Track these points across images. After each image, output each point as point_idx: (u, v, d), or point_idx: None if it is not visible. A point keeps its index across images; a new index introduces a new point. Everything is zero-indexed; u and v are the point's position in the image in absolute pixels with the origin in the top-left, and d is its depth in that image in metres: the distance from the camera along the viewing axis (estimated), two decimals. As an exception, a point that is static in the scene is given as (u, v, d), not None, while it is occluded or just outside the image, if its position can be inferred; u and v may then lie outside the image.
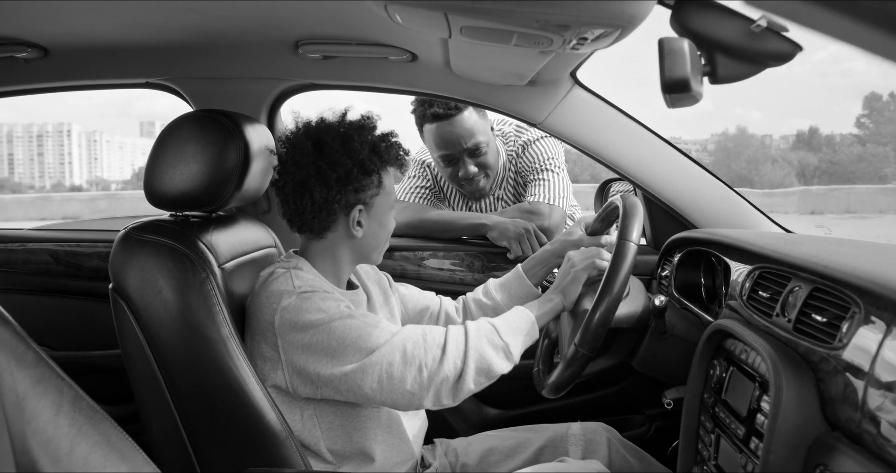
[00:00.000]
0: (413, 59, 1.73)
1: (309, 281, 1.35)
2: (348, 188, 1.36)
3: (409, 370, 1.26)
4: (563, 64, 1.63)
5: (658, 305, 1.42)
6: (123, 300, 1.35)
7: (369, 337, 1.28)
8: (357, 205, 1.39)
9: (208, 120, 1.45)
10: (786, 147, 72.50)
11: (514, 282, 1.68)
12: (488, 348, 1.31)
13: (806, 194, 20.00)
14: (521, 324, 1.37)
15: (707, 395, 1.30)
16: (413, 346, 1.28)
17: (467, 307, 1.69)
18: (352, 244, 1.43)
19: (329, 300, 1.31)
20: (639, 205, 1.42)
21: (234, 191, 1.45)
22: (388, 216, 1.45)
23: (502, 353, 1.32)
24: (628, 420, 2.05)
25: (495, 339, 1.32)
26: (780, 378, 1.01)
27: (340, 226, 1.40)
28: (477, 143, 2.12)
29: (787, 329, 1.11)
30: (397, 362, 1.26)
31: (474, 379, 1.29)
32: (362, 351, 1.27)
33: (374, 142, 1.39)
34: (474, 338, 1.31)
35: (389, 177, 1.44)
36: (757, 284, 1.28)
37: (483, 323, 1.35)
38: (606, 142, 1.85)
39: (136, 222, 1.42)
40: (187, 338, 1.33)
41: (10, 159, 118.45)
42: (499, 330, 1.33)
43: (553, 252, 1.68)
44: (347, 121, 1.41)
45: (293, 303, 1.30)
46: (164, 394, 1.35)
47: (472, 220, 2.08)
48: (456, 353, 1.28)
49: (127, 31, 1.65)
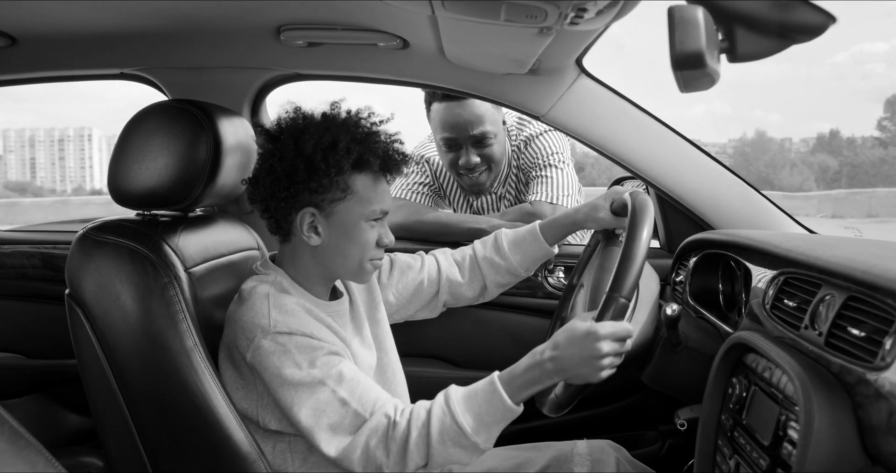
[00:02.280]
0: (404, 46, 1.61)
1: (288, 313, 1.23)
2: (298, 186, 1.24)
3: (369, 468, 1.19)
4: (566, 50, 1.50)
5: (670, 315, 1.28)
6: (79, 307, 1.25)
7: (333, 417, 1.20)
8: (307, 207, 1.26)
9: (176, 110, 1.34)
10: (805, 150, 72.00)
11: (529, 242, 1.56)
12: (454, 449, 1.18)
13: (826, 198, 19.72)
14: (494, 416, 1.18)
15: (725, 417, 1.16)
16: (376, 445, 1.18)
17: (476, 264, 1.58)
18: (313, 253, 1.30)
19: (306, 349, 1.20)
20: (649, 204, 1.28)
21: (204, 188, 1.34)
22: (359, 228, 1.28)
23: (471, 450, 1.19)
24: (639, 437, 1.93)
25: (463, 441, 1.17)
26: (810, 402, 0.87)
27: (296, 229, 1.29)
28: (484, 132, 2.00)
29: (817, 343, 0.97)
30: (357, 457, 1.19)
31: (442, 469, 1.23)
32: (321, 432, 1.20)
33: (334, 141, 1.23)
34: (438, 444, 1.17)
35: (367, 185, 1.28)
36: (782, 291, 1.14)
37: (448, 422, 1.17)
38: (615, 136, 1.73)
39: (96, 221, 1.31)
40: (147, 349, 1.23)
41: (32, 163, 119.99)
42: (466, 432, 1.16)
43: (575, 222, 1.55)
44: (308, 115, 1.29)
45: (266, 347, 1.20)
46: (122, 410, 1.24)
47: (470, 225, 1.95)
48: (418, 457, 1.18)
49: (99, 18, 1.55)
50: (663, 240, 1.91)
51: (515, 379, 1.19)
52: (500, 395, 1.17)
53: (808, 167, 54.94)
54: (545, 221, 1.58)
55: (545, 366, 1.18)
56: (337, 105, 1.31)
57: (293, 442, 1.27)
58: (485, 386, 1.20)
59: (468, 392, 1.20)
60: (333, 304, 1.35)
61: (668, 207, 1.83)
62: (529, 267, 1.56)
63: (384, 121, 1.32)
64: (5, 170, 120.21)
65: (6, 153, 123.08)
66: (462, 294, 1.57)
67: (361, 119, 1.30)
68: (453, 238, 1.96)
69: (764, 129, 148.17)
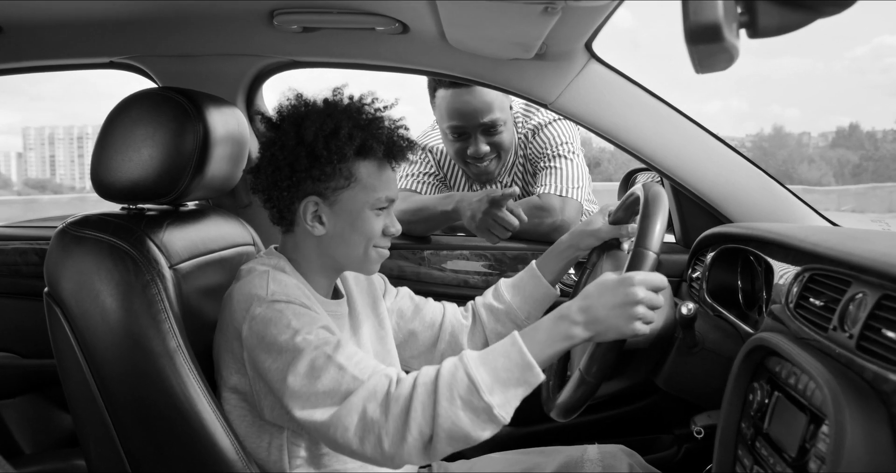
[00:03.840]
0: (404, 31, 1.53)
1: (287, 287, 1.17)
2: (301, 175, 1.19)
3: (368, 437, 1.06)
4: (574, 32, 1.42)
5: (686, 314, 1.20)
6: (58, 306, 1.20)
7: (330, 382, 1.08)
8: (310, 196, 1.21)
9: (161, 98, 1.28)
10: (824, 144, 71.34)
11: (527, 282, 1.49)
12: (463, 413, 1.03)
13: (846, 192, 19.49)
14: (512, 373, 1.05)
15: (745, 425, 1.07)
16: (374, 409, 1.06)
17: (477, 314, 1.50)
18: (317, 243, 1.25)
19: (304, 316, 1.13)
20: (663, 196, 1.20)
21: (192, 180, 1.27)
22: (364, 216, 1.23)
23: (484, 416, 1.03)
24: (654, 441, 1.86)
25: (473, 400, 1.02)
26: (841, 413, 0.78)
27: (300, 219, 1.23)
28: (494, 120, 1.91)
29: (848, 347, 0.88)
30: (354, 426, 1.06)
31: (449, 444, 1.05)
32: (319, 398, 1.09)
33: (336, 128, 1.18)
34: (445, 401, 1.03)
35: (371, 172, 1.23)
36: (807, 289, 1.06)
37: (460, 374, 1.04)
38: (628, 124, 1.65)
39: (77, 215, 1.24)
40: (127, 351, 1.17)
41: (51, 161, 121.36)
42: (479, 387, 1.02)
43: (570, 244, 1.49)
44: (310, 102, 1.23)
45: (263, 314, 1.13)
46: (102, 415, 1.18)
47: (442, 207, 1.84)
48: (422, 421, 1.03)
49: (86, 5, 1.50)
50: (679, 235, 1.82)
51: (538, 334, 1.07)
52: (518, 348, 1.05)
53: (827, 162, 54.41)
54: (541, 257, 1.51)
55: (573, 317, 1.07)
56: (339, 91, 1.25)
57: (291, 438, 1.21)
58: (503, 341, 1.08)
59: (485, 350, 1.09)
60: (332, 304, 1.29)
61: (683, 200, 1.75)
62: (531, 311, 1.46)
63: (388, 107, 1.26)
64: (26, 168, 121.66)
65: (26, 151, 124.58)
66: (462, 346, 1.47)
67: (364, 105, 1.24)
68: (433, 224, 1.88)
69: (781, 125, 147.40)
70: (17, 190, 71.10)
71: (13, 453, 1.93)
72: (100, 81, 47.24)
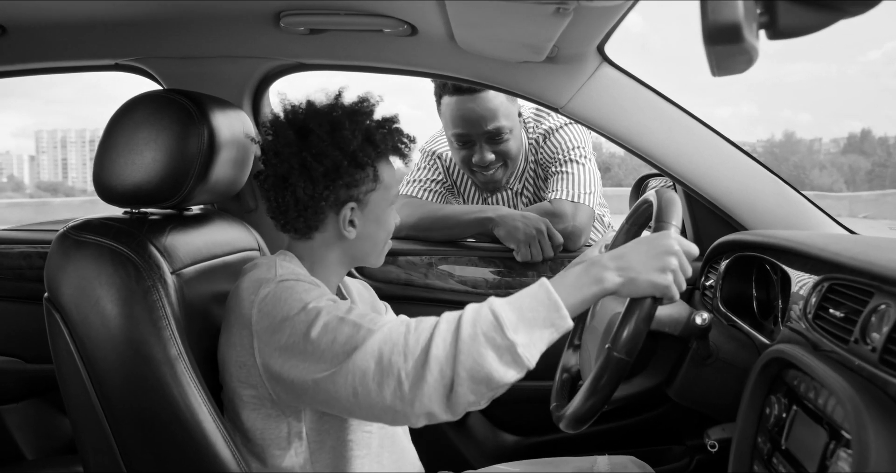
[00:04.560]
0: (412, 33, 1.51)
1: (294, 272, 1.18)
2: (338, 183, 1.19)
3: (387, 381, 1.00)
4: (586, 35, 1.39)
5: (700, 324, 1.16)
6: (58, 312, 1.17)
7: (346, 338, 1.04)
8: (349, 203, 1.21)
9: (165, 100, 1.25)
10: (836, 150, 70.95)
11: None
12: (487, 350, 0.98)
13: (857, 198, 19.36)
14: (538, 312, 1.01)
15: (762, 439, 1.04)
16: (391, 350, 1.01)
17: None
18: (343, 246, 1.25)
19: (314, 290, 1.13)
20: (677, 200, 1.16)
21: (196, 184, 1.25)
22: (386, 214, 1.27)
23: (508, 356, 0.98)
24: (665, 452, 1.82)
25: (497, 337, 0.98)
26: (864, 431, 0.75)
27: (330, 225, 1.23)
28: (499, 127, 1.88)
29: (870, 360, 0.85)
30: (372, 371, 1.01)
31: (472, 389, 1.00)
32: (336, 355, 1.04)
33: (368, 130, 1.21)
34: (468, 338, 0.99)
35: (389, 170, 1.26)
36: (826, 299, 1.02)
37: (485, 311, 1.01)
38: (640, 129, 1.61)
39: (78, 219, 1.22)
40: (128, 358, 1.14)
41: (63, 164, 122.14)
42: (503, 324, 0.99)
43: None
44: (340, 105, 1.22)
45: (272, 292, 1.12)
46: (101, 424, 1.16)
47: (476, 215, 1.84)
48: (444, 358, 0.99)
49: (90, 6, 1.48)
50: (692, 241, 1.78)
51: (567, 278, 1.04)
52: (546, 289, 1.01)
53: (838, 168, 54.08)
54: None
55: (605, 263, 1.03)
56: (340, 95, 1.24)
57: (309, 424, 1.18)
58: (530, 286, 1.05)
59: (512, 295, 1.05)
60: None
61: (696, 206, 1.72)
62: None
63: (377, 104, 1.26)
64: (38, 171, 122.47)
65: (39, 154, 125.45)
66: None
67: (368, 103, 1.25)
68: (460, 231, 1.86)
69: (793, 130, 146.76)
70: (30, 192, 71.56)
71: (15, 458, 1.91)
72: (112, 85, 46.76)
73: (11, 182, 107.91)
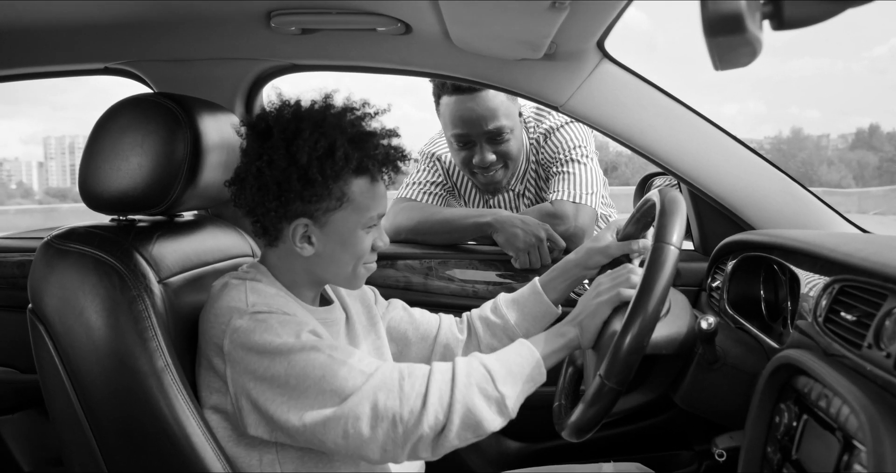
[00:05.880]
0: (407, 31, 1.48)
1: (267, 298, 1.12)
2: (289, 195, 1.10)
3: (381, 425, 1.04)
4: (585, 30, 1.36)
5: (706, 329, 1.12)
6: (41, 323, 1.14)
7: (335, 378, 1.05)
8: (300, 218, 1.13)
9: (151, 104, 1.22)
10: (844, 146, 70.62)
11: (528, 298, 1.40)
12: (479, 400, 1.07)
13: (866, 194, 19.23)
14: (523, 368, 1.12)
15: (771, 449, 0.99)
16: (387, 396, 1.04)
17: (472, 326, 1.42)
18: (302, 262, 1.18)
19: (289, 324, 1.08)
20: (680, 201, 1.12)
21: (184, 190, 1.22)
22: (355, 236, 1.16)
23: (495, 407, 1.08)
24: (673, 458, 1.77)
25: (488, 389, 1.07)
26: (880, 444, 0.70)
27: (287, 237, 1.15)
28: (499, 127, 1.84)
29: (885, 367, 0.80)
30: (366, 416, 1.04)
31: (459, 435, 1.06)
32: (325, 397, 1.05)
33: (333, 143, 1.09)
34: (462, 387, 1.06)
35: (365, 189, 1.15)
36: (837, 302, 0.97)
37: (476, 364, 1.10)
38: (642, 126, 1.57)
39: (63, 228, 1.19)
40: (113, 371, 1.11)
41: (72, 170, 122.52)
42: (494, 377, 1.08)
43: (577, 262, 1.40)
44: (314, 111, 1.14)
45: (245, 326, 1.08)
46: (87, 436, 1.13)
47: (475, 219, 1.79)
48: (439, 405, 1.05)
49: (79, 9, 1.46)
50: (697, 242, 1.75)
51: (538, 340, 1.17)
52: (528, 346, 1.15)
53: (847, 164, 53.80)
54: (545, 273, 1.43)
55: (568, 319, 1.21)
56: (330, 97, 1.16)
57: (281, 452, 1.14)
58: (510, 345, 1.17)
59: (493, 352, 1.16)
60: (321, 311, 1.23)
61: (702, 205, 1.68)
62: (529, 328, 1.38)
63: (380, 113, 1.17)
64: (47, 177, 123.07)
65: (47, 160, 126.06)
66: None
67: (357, 115, 1.15)
68: (457, 235, 1.82)
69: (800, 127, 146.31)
70: (39, 199, 71.87)
71: (11, 470, 1.88)
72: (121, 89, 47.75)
73: (20, 188, 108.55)
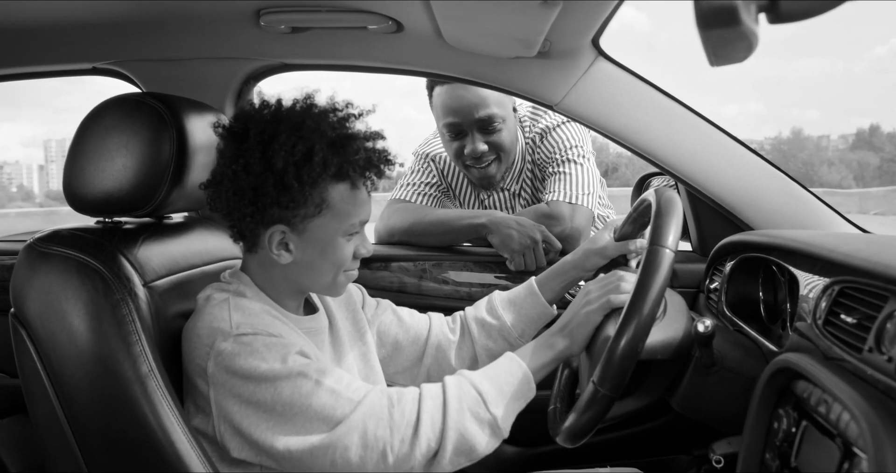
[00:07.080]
0: (398, 29, 1.45)
1: (251, 317, 1.08)
2: (265, 200, 1.06)
3: (371, 454, 1.02)
4: (579, 27, 1.34)
5: (703, 332, 1.09)
6: (23, 327, 1.12)
7: (323, 408, 1.02)
8: (277, 224, 1.09)
9: (136, 104, 1.19)
10: (844, 147, 70.55)
11: (525, 299, 1.37)
12: (472, 424, 1.04)
13: (867, 195, 19.21)
14: (513, 386, 1.09)
15: (770, 456, 0.97)
16: (376, 425, 1.01)
17: (466, 327, 1.39)
18: (280, 270, 1.14)
19: (275, 347, 1.04)
20: (677, 201, 1.10)
21: (169, 191, 1.19)
22: (335, 244, 1.12)
23: (489, 430, 1.05)
24: (671, 462, 1.75)
25: (481, 412, 1.05)
26: (882, 451, 0.68)
27: (264, 243, 1.11)
28: (490, 115, 1.82)
29: (887, 371, 0.78)
30: (355, 446, 1.01)
31: (452, 461, 1.05)
32: (312, 425, 1.02)
33: (312, 147, 1.05)
34: (454, 413, 1.04)
35: (346, 196, 1.10)
36: (837, 304, 0.95)
37: (466, 386, 1.07)
38: (639, 126, 1.55)
39: (46, 230, 1.16)
40: (96, 376, 1.07)
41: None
42: (486, 399, 1.06)
43: (574, 263, 1.37)
44: (293, 112, 1.09)
45: (229, 349, 1.04)
46: (69, 443, 1.09)
47: (469, 220, 1.77)
48: (431, 433, 1.03)
49: (66, 8, 1.43)
50: (695, 243, 1.72)
51: (527, 348, 1.15)
52: (517, 362, 1.11)
53: (847, 165, 53.76)
54: (542, 274, 1.40)
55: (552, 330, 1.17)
56: (311, 97, 1.11)
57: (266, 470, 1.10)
58: (499, 360, 1.14)
59: (482, 368, 1.13)
60: (306, 319, 1.19)
61: (700, 206, 1.65)
62: (525, 329, 1.35)
63: (364, 114, 1.13)
64: (47, 180, 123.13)
65: (48, 163, 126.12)
66: (449, 362, 1.37)
67: (339, 117, 1.10)
68: (452, 236, 1.80)
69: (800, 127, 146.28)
70: (39, 201, 71.84)
71: (1, 475, 1.86)
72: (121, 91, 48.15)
73: (21, 191, 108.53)
